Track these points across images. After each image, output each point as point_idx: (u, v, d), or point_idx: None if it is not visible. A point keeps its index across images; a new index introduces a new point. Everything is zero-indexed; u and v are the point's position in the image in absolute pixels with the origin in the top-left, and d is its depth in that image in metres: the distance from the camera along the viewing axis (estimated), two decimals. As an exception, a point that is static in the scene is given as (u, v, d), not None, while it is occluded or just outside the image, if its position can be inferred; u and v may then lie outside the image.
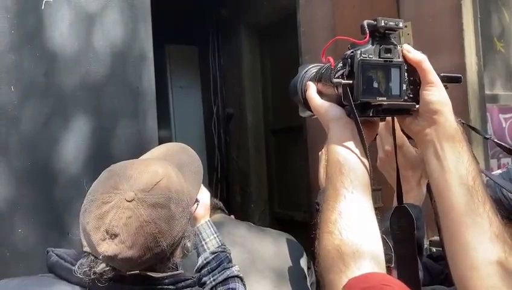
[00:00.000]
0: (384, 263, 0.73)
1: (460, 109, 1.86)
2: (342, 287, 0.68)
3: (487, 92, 2.20)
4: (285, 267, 1.83)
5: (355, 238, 0.71)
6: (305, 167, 2.81)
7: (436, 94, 0.79)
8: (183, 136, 3.93)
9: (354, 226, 0.73)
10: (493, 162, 2.24)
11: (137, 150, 1.74)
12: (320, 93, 0.86)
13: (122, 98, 1.74)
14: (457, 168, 0.77)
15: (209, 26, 4.14)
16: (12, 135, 1.57)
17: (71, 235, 1.63)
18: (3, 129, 1.56)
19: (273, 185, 3.86)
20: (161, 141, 1.83)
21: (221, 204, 2.06)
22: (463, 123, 0.84)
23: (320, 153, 1.59)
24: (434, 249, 1.86)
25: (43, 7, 1.61)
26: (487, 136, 1.02)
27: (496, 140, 1.06)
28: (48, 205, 1.61)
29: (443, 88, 0.80)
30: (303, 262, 1.87)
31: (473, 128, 0.96)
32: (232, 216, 2.09)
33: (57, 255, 1.05)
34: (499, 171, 1.36)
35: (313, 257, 1.02)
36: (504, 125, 2.40)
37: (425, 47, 0.84)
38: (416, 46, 0.82)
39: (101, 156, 1.68)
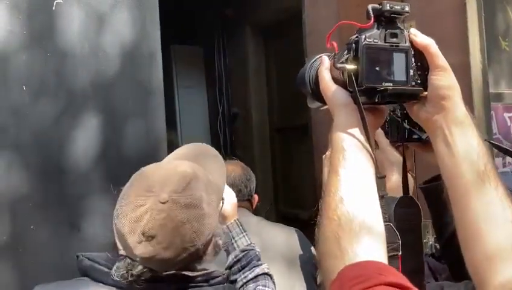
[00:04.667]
0: (386, 251, 0.71)
1: (465, 107, 1.88)
2: (337, 273, 0.66)
3: (492, 90, 2.21)
4: (295, 256, 1.85)
5: (354, 225, 0.69)
6: (310, 165, 2.82)
7: (444, 79, 0.77)
8: (188, 136, 3.95)
9: (354, 213, 0.71)
10: (497, 161, 2.26)
11: (146, 148, 1.77)
12: None
13: (131, 97, 1.77)
14: (467, 153, 0.75)
15: (215, 26, 4.17)
16: (24, 133, 1.60)
17: (81, 231, 1.66)
18: (15, 127, 1.59)
19: (278, 184, 3.88)
20: (168, 140, 1.86)
21: (250, 194, 2.01)
22: None
23: (324, 156, 1.57)
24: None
25: (53, 8, 1.64)
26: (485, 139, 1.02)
27: (493, 142, 1.06)
28: (59, 202, 1.64)
29: (451, 73, 0.78)
30: (313, 251, 1.90)
31: None
32: (256, 196, 2.06)
33: (89, 259, 1.07)
34: (508, 169, 1.38)
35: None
36: (509, 123, 2.41)
37: (430, 45, 0.84)
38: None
39: (111, 154, 1.71)
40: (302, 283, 1.81)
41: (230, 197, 1.45)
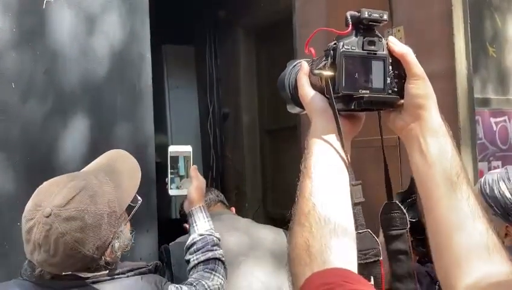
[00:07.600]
0: (356, 258, 0.70)
1: (450, 113, 1.90)
2: (304, 280, 0.66)
3: (479, 96, 2.24)
4: (283, 256, 1.88)
5: (324, 232, 0.69)
6: (299, 167, 2.84)
7: (421, 88, 0.77)
8: (179, 136, 3.96)
9: (325, 220, 0.70)
10: (483, 165, 2.29)
11: (134, 148, 1.78)
12: None
13: (119, 97, 1.77)
14: (441, 163, 0.75)
15: (206, 27, 4.17)
16: (12, 131, 1.60)
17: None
18: (3, 125, 1.59)
19: (267, 185, 3.90)
20: (157, 140, 1.87)
21: (222, 197, 2.15)
22: None
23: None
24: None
25: (43, 6, 1.64)
26: None
27: None
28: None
29: (428, 81, 0.78)
30: None
31: None
32: (233, 208, 2.16)
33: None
34: (498, 171, 1.41)
35: None
36: (495, 129, 2.45)
37: (417, 51, 0.83)
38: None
39: (98, 154, 1.71)
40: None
41: (196, 184, 1.62)
